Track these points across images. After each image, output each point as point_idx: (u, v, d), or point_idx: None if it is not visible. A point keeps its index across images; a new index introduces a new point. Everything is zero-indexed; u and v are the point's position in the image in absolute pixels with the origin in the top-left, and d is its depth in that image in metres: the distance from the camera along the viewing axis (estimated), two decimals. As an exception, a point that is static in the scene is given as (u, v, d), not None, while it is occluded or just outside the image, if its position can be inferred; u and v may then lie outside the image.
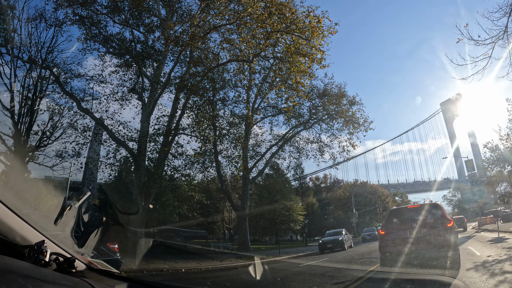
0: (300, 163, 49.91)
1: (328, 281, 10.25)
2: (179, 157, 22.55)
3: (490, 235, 23.73)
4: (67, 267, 2.20)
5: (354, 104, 32.84)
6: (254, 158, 32.85)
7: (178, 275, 13.51)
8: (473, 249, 14.81)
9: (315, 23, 18.39)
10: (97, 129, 23.19)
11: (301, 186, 68.64)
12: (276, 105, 32.24)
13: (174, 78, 22.71)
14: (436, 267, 9.16)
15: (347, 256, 19.99)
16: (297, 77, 21.23)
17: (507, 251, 12.73)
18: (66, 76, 21.52)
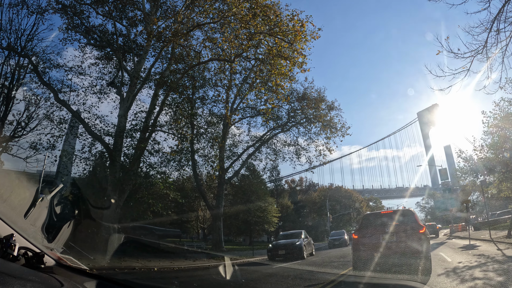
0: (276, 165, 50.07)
1: (301, 283, 10.30)
2: (155, 154, 22.36)
3: (461, 242, 24.36)
4: (35, 263, 2.15)
5: (333, 109, 33.17)
6: (230, 158, 32.80)
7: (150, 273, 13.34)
8: (444, 255, 15.16)
9: (299, 27, 18.50)
10: (73, 122, 22.66)
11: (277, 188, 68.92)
12: (255, 107, 32.29)
13: (154, 74, 22.51)
14: (407, 272, 9.34)
15: (319, 259, 20.15)
16: (278, 80, 21.30)
17: (477, 258, 13.08)
18: (44, 66, 20.95)
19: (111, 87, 22.37)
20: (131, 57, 21.97)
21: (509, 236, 22.42)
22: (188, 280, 8.89)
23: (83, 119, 20.08)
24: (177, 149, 22.82)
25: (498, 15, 11.21)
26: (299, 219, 65.85)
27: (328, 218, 60.05)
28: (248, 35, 19.24)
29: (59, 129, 20.90)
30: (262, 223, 47.70)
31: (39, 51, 21.20)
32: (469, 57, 11.81)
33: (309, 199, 73.48)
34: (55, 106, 20.84)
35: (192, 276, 12.58)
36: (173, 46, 21.15)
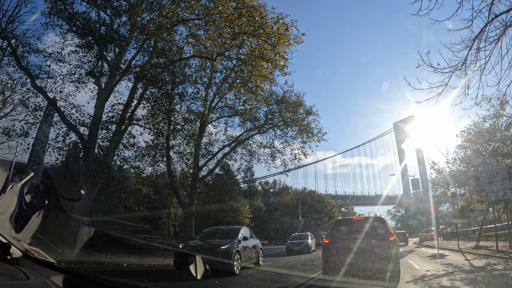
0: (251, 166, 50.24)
1: (270, 285, 10.29)
2: (130, 148, 22.03)
3: (430, 251, 24.93)
4: (1, 253, 2.09)
5: (311, 114, 33.32)
6: (205, 156, 32.57)
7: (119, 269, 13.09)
8: (413, 263, 15.47)
9: (283, 31, 18.60)
10: (48, 109, 21.92)
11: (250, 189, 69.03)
12: (234, 106, 32.18)
13: (135, 67, 22.08)
14: (376, 278, 9.46)
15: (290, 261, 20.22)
16: (258, 81, 21.36)
17: (445, 267, 13.39)
18: (24, 50, 20.23)
19: (89, 77, 21.77)
20: (112, 48, 21.50)
21: (477, 247, 23.11)
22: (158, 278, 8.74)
23: (59, 108, 19.54)
24: (153, 144, 22.60)
25: (479, 34, 11.53)
26: (271, 221, 66.13)
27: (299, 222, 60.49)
28: (232, 35, 19.23)
29: (33, 116, 20.25)
30: (234, 223, 47.68)
31: (19, 34, 20.48)
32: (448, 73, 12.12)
33: (282, 201, 73.92)
34: (31, 92, 20.17)
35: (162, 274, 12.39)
36: (156, 40, 20.91)
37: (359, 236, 10.86)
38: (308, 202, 71.08)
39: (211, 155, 32.90)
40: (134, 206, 21.36)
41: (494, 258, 16.24)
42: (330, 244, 11.46)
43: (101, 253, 15.77)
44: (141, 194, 25.18)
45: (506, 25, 11.42)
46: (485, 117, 24.31)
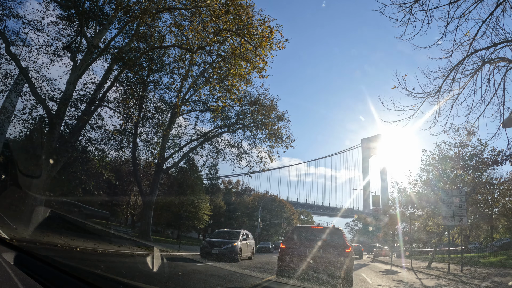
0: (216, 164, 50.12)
1: (224, 283, 10.26)
2: (97, 130, 21.45)
3: (383, 267, 25.60)
4: None
5: (282, 120, 33.55)
6: (172, 148, 32.24)
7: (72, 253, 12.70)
8: (365, 277, 15.83)
9: (267, 34, 18.64)
10: (19, 78, 20.89)
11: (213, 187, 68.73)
12: (207, 102, 32.02)
13: (113, 48, 21.54)
14: (329, 286, 9.62)
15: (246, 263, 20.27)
16: (234, 80, 21.35)
17: (396, 284, 13.78)
18: (3, 13, 19.24)
19: (66, 51, 20.95)
20: (93, 25, 20.78)
21: (429, 267, 23.94)
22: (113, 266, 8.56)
23: (30, 78, 18.65)
24: (121, 129, 22.14)
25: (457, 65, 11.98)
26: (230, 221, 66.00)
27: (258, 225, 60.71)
28: (216, 30, 19.11)
29: (3, 83, 19.25)
30: (193, 218, 47.39)
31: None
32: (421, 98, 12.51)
33: (243, 202, 73.95)
34: (4, 58, 19.18)
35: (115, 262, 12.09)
36: (139, 24, 20.52)
37: (316, 245, 11.02)
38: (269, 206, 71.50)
39: (178, 147, 32.63)
40: (94, 189, 20.82)
41: (444, 279, 16.86)
42: (286, 249, 11.56)
43: (55, 234, 15.27)
44: (103, 178, 24.62)
45: (483, 61, 11.91)
46: (451, 145, 25.28)
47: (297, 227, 14.17)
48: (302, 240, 11.65)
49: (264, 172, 37.61)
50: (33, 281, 1.81)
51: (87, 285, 2.04)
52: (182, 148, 33.04)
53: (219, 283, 10.26)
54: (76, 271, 2.35)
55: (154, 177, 30.81)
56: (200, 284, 9.37)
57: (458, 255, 26.65)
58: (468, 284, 14.68)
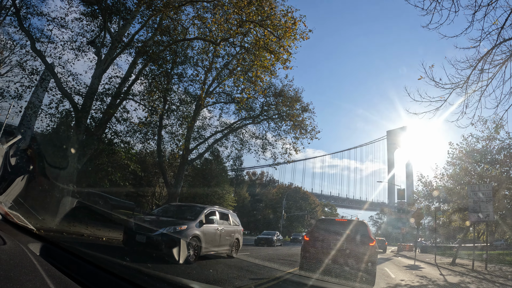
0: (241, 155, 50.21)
1: (246, 275, 10.33)
2: (122, 123, 21.80)
3: (406, 261, 25.26)
4: None
5: (306, 111, 33.31)
6: (197, 140, 32.48)
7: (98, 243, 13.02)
8: (389, 271, 15.64)
9: (291, 24, 18.46)
10: (45, 74, 21.49)
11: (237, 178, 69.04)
12: (231, 94, 32.09)
13: (137, 42, 21.80)
14: (352, 281, 9.55)
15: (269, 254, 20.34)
16: (258, 72, 21.27)
17: (419, 279, 13.57)
18: (27, 11, 19.81)
19: (90, 46, 21.42)
20: (116, 20, 21.11)
21: (453, 263, 23.44)
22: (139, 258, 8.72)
23: (56, 74, 19.17)
24: (146, 121, 22.43)
25: (485, 55, 11.52)
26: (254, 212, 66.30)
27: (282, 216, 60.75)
28: (239, 22, 19.04)
29: (29, 79, 19.86)
30: (218, 209, 47.71)
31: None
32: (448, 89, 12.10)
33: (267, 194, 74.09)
34: (30, 55, 19.81)
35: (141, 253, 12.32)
36: (162, 17, 20.65)
37: (340, 238, 10.94)
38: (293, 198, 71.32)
39: (203, 139, 32.82)
40: (120, 181, 21.17)
41: (468, 276, 16.50)
42: (310, 241, 11.53)
43: (82, 224, 15.71)
44: (128, 170, 25.03)
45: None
46: (478, 138, 24.52)
47: (321, 220, 14.15)
48: (326, 232, 11.60)
49: (288, 164, 37.72)
50: (58, 272, 1.84)
51: (112, 275, 2.07)
52: (206, 139, 33.26)
53: (241, 274, 10.34)
54: (101, 261, 2.40)
55: (179, 168, 31.17)
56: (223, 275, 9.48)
57: (483, 252, 25.98)
58: (493, 283, 14.33)
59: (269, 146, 35.32)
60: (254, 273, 11.03)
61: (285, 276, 10.79)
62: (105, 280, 2.04)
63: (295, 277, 10.73)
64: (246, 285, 8.41)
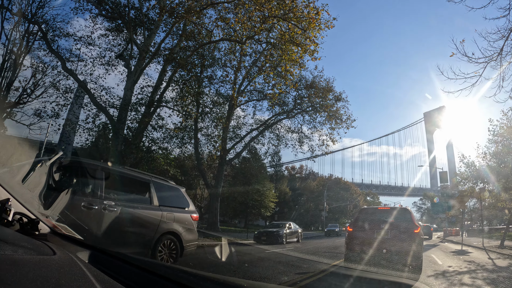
0: (278, 151, 50.27)
1: (292, 270, 10.33)
2: (158, 130, 22.37)
3: (453, 247, 24.44)
4: (30, 229, 2.14)
5: (340, 100, 32.94)
6: (233, 139, 32.84)
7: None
8: (435, 258, 15.20)
9: (314, 15, 18.28)
10: (79, 91, 22.54)
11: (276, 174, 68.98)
12: (262, 90, 32.21)
13: (164, 50, 22.28)
14: (398, 270, 9.37)
15: (313, 248, 20.27)
16: (287, 66, 21.20)
17: (467, 264, 13.11)
18: (54, 34, 20.75)
19: (119, 60, 22.21)
20: (141, 31, 21.74)
21: (501, 246, 22.47)
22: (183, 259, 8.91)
23: (89, 90, 19.99)
24: (181, 126, 22.86)
25: (517, 23, 10.97)
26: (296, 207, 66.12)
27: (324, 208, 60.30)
28: (261, 18, 19.05)
29: (64, 98, 20.87)
30: (259, 207, 47.97)
31: (50, 19, 20.99)
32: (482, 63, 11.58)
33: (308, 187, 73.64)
34: (62, 74, 20.75)
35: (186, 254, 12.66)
36: (185, 23, 20.99)
37: (384, 227, 10.74)
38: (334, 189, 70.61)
39: (239, 138, 33.14)
40: (161, 186, 21.71)
41: (518, 259, 15.77)
42: (354, 232, 11.40)
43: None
44: (169, 175, 25.59)
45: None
46: None
47: (363, 209, 13.91)
48: (369, 222, 11.41)
49: (327, 155, 37.30)
50: (107, 277, 1.92)
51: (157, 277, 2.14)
52: (243, 138, 33.54)
53: (286, 269, 10.37)
54: (146, 264, 2.48)
55: (218, 169, 31.63)
56: (268, 271, 9.52)
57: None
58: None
59: (305, 139, 35.26)
60: (299, 268, 11.02)
61: (331, 269, 10.71)
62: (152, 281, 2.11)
63: (341, 269, 10.63)
64: (292, 280, 8.41)
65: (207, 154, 38.61)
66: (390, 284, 7.74)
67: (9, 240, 1.69)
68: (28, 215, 2.17)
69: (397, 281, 7.74)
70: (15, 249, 1.65)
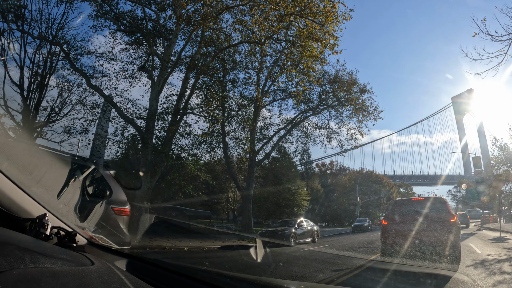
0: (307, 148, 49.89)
1: (328, 267, 10.28)
2: (186, 137, 22.61)
3: (491, 234, 23.71)
4: (68, 242, 2.20)
5: (365, 92, 32.55)
6: (261, 140, 32.89)
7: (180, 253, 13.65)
8: (474, 247, 14.79)
9: (330, 8, 18.16)
10: (105, 106, 23.09)
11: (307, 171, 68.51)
12: (286, 89, 32.19)
13: (185, 58, 22.55)
14: (436, 261, 9.18)
15: (349, 243, 20.09)
16: (309, 62, 21.11)
17: (507, 252, 12.70)
18: (76, 53, 21.38)
19: (142, 72, 22.65)
20: (161, 42, 22.12)
21: None
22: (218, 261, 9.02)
23: (115, 103, 20.49)
24: (208, 131, 23.07)
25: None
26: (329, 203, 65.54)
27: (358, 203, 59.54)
28: (278, 17, 19.06)
29: (92, 113, 21.41)
30: (292, 206, 47.73)
31: (70, 39, 21.65)
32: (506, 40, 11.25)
33: (339, 183, 72.94)
34: (87, 91, 21.34)
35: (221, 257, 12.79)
36: (203, 30, 21.18)
37: (419, 218, 10.58)
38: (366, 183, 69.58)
39: (267, 138, 33.19)
40: (193, 192, 21.96)
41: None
42: (389, 225, 11.28)
43: (163, 238, 16.55)
44: (200, 181, 25.95)
45: None
46: None
47: (397, 201, 13.74)
48: (404, 214, 11.27)
49: (356, 149, 36.90)
50: (145, 284, 1.98)
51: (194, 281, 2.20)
52: (271, 138, 33.57)
53: (323, 267, 10.33)
54: (183, 269, 2.54)
55: (249, 171, 31.75)
56: (305, 269, 9.54)
57: None
58: None
59: (333, 134, 35.08)
60: (336, 265, 10.95)
61: (367, 264, 10.61)
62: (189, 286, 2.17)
63: (377, 264, 10.51)
64: (329, 277, 8.39)
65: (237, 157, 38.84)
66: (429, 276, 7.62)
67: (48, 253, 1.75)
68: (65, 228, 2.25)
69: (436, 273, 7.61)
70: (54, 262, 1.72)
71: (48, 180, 2.79)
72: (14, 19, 19.88)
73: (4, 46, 19.77)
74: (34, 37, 20.64)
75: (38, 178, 2.66)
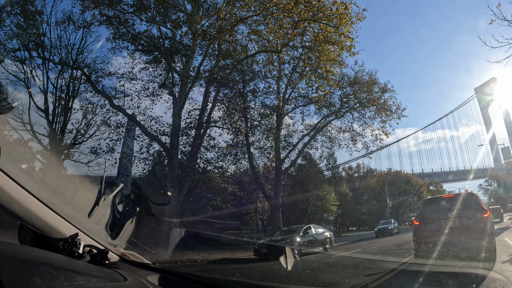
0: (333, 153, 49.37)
1: (361, 272, 10.13)
2: (211, 150, 22.86)
3: (527, 227, 22.91)
4: (100, 259, 2.27)
5: (386, 91, 32.11)
6: (286, 148, 32.78)
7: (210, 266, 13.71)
8: (509, 241, 14.30)
9: (343, 10, 18.12)
10: (129, 125, 23.64)
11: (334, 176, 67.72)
12: (307, 95, 32.05)
13: (204, 72, 22.92)
14: (471, 259, 8.91)
15: (381, 247, 19.74)
16: (327, 66, 21.03)
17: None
18: (97, 75, 22.16)
19: (163, 89, 23.10)
20: (179, 58, 22.56)
21: None
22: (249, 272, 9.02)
23: (139, 122, 20.94)
24: (233, 143, 23.22)
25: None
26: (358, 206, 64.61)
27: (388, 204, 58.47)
28: (292, 24, 19.12)
29: (116, 133, 22.01)
30: (321, 212, 47.29)
31: (90, 62, 22.48)
32: (525, 24, 10.94)
33: (368, 185, 71.80)
34: (111, 111, 21.99)
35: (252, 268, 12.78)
36: (219, 43, 21.47)
37: (450, 215, 10.36)
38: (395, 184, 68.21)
39: (292, 146, 33.09)
40: (221, 204, 22.17)
41: None
42: (420, 225, 11.08)
43: (194, 251, 16.67)
44: (227, 192, 26.03)
45: None
46: None
47: (427, 200, 13.47)
48: (435, 212, 11.05)
49: (382, 150, 36.38)
50: None
51: None
52: (295, 146, 33.45)
53: (355, 272, 10.20)
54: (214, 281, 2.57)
55: (275, 179, 31.64)
56: (337, 276, 9.44)
57: None
58: None
59: (358, 136, 34.70)
60: (368, 269, 10.78)
61: (400, 267, 10.39)
62: None
63: (411, 266, 10.28)
64: (362, 282, 8.26)
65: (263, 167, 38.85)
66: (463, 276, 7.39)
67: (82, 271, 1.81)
68: (97, 246, 2.31)
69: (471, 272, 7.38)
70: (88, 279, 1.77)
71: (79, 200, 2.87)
72: (35, 47, 20.65)
73: (27, 73, 20.58)
74: (55, 63, 21.44)
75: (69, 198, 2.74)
